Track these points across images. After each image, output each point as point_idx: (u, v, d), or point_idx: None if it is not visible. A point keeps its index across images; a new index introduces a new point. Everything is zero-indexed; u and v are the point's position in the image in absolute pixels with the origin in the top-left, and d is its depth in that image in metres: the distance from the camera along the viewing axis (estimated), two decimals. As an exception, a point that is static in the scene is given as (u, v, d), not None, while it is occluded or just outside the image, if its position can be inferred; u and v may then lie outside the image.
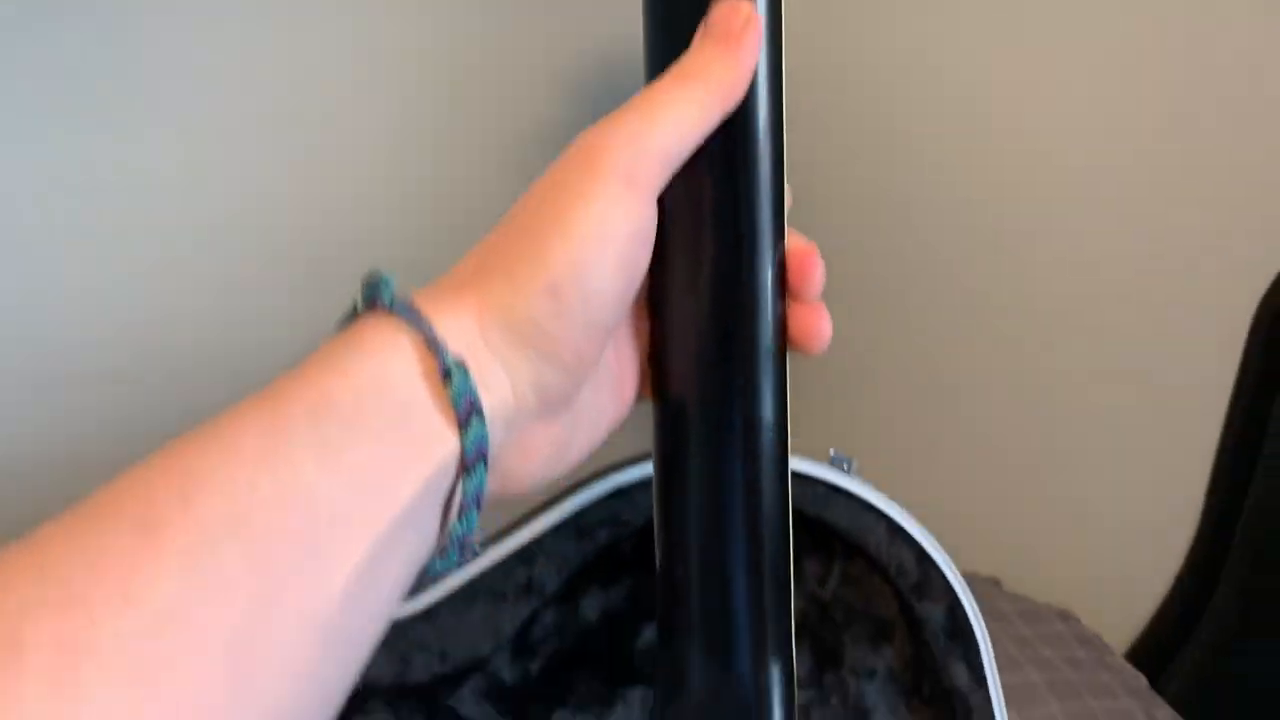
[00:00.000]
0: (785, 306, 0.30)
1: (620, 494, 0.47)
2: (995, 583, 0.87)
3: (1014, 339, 0.86)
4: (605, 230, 0.27)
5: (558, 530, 0.46)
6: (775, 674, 0.30)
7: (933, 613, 0.49)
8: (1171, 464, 0.93)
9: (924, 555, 0.49)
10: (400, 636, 0.45)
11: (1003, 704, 0.51)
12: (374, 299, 0.27)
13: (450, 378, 0.25)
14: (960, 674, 0.50)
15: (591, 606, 0.49)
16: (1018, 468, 0.94)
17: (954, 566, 0.49)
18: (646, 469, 0.47)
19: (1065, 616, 0.83)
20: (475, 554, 0.28)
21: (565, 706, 0.49)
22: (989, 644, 0.50)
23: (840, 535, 0.49)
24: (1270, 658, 0.90)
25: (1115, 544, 0.95)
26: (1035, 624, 0.80)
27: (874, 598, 0.52)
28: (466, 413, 0.25)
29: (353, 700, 0.48)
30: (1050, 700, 0.71)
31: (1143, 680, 0.78)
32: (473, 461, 0.26)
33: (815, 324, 0.31)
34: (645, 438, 0.50)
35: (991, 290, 0.82)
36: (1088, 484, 0.94)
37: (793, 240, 0.32)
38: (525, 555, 0.46)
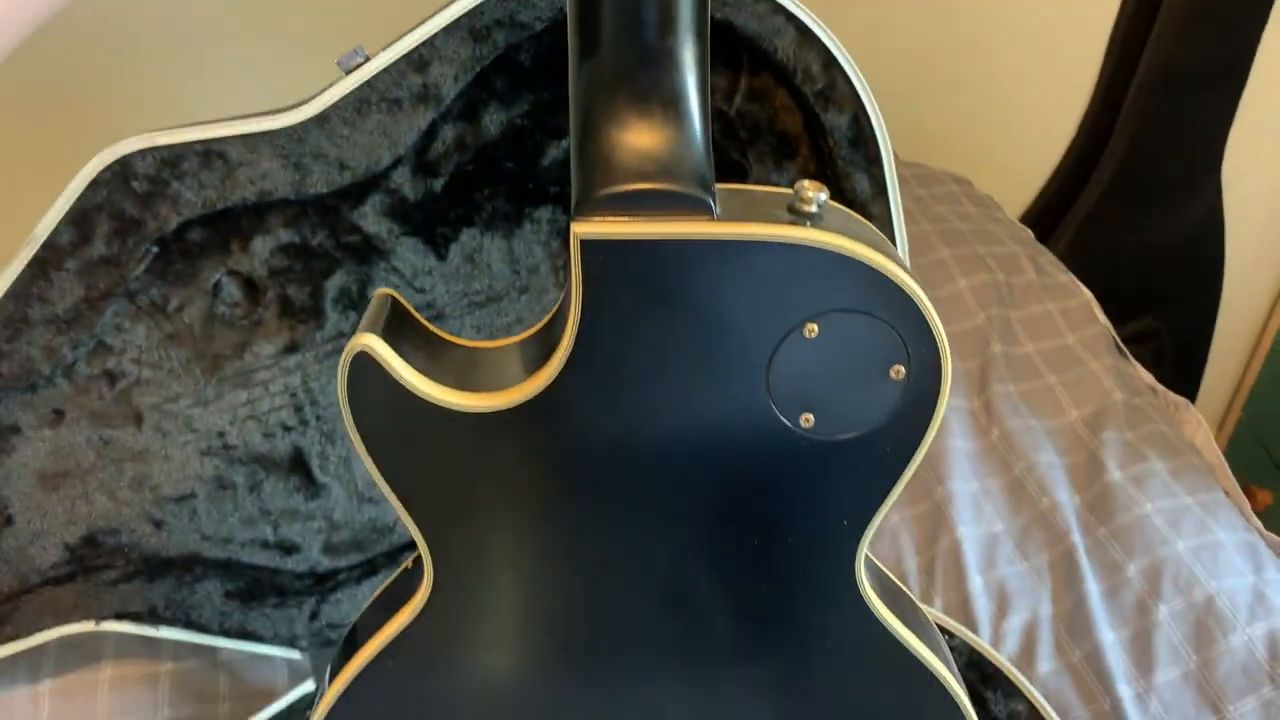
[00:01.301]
0: None
1: (516, -7, 0.44)
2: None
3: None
4: None
5: (450, 31, 0.43)
6: (688, 54, 0.29)
7: (838, 121, 0.49)
8: (1070, 38, 0.93)
9: (831, 60, 0.48)
10: (295, 143, 0.43)
11: (901, 214, 0.52)
12: None
13: None
14: (862, 184, 0.51)
15: (494, 122, 0.47)
16: (917, 29, 0.93)
17: (860, 75, 0.49)
18: (543, -34, 0.44)
19: (959, 180, 0.85)
20: None
21: (472, 226, 0.49)
22: (890, 154, 0.50)
23: (747, 44, 0.48)
24: (1143, 216, 0.95)
25: (1011, 118, 0.97)
26: (930, 185, 0.82)
27: (780, 113, 0.51)
28: None
29: (251, 216, 0.46)
30: (941, 247, 0.74)
31: (1029, 233, 0.82)
32: None
33: None
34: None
35: None
36: (987, 55, 0.94)
37: None
38: (419, 61, 0.43)
